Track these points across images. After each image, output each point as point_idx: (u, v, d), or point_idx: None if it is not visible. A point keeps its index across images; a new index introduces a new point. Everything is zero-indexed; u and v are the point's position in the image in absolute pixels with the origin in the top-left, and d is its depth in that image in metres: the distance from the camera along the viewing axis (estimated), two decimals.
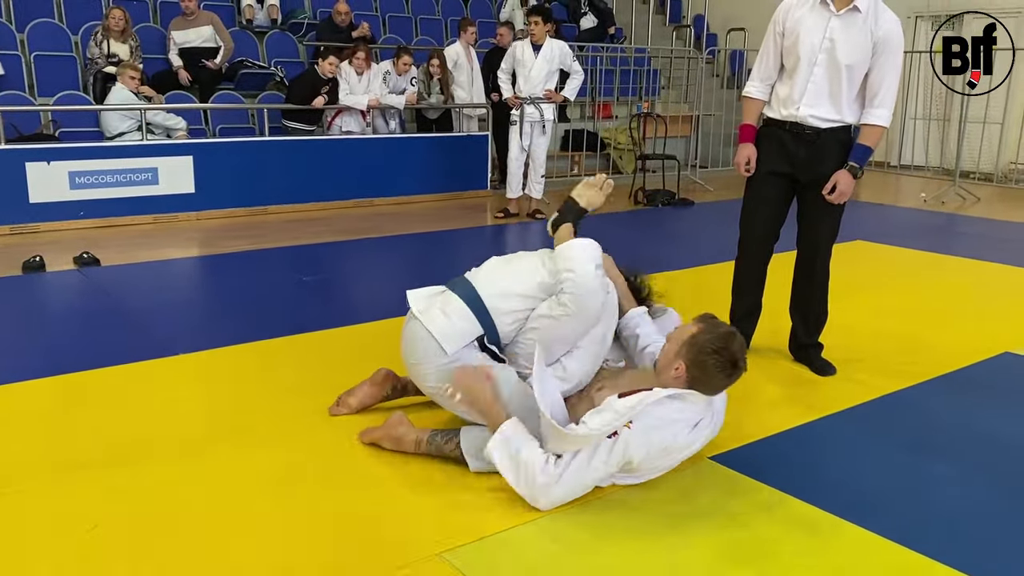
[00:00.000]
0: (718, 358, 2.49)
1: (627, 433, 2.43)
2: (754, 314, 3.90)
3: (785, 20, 3.54)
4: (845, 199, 3.48)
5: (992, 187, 9.89)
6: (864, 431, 3.16)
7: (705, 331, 2.55)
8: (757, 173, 3.67)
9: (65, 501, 2.51)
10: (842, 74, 3.41)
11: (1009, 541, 2.43)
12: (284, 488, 2.62)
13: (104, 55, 7.61)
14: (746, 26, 11.97)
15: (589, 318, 2.72)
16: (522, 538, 2.35)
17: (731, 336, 2.55)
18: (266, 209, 7.51)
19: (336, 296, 5.05)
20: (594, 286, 2.67)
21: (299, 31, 9.32)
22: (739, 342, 2.54)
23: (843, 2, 3.40)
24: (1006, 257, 6.07)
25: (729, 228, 3.94)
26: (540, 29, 7.28)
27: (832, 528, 2.45)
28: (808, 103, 3.47)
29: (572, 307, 2.67)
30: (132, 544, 2.30)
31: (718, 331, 2.55)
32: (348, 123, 8.17)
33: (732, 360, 2.51)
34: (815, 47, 3.43)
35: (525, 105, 7.41)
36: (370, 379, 3.18)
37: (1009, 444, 3.07)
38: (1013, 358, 3.96)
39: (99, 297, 4.92)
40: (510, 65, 7.50)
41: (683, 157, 9.76)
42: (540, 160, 7.63)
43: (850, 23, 3.39)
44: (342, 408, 3.14)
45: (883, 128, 3.48)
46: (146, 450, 2.85)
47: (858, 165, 3.47)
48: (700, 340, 2.52)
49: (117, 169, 6.85)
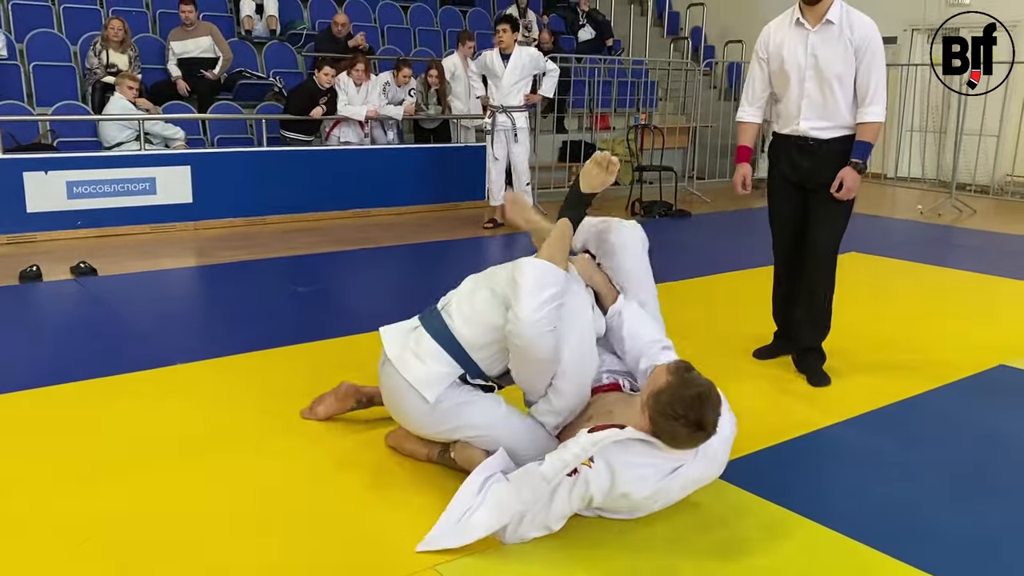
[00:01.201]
0: (682, 423, 2.25)
1: (587, 471, 2.29)
2: (794, 317, 3.96)
3: (768, 45, 3.73)
4: (852, 195, 3.60)
5: (988, 199, 9.91)
6: (855, 443, 3.16)
7: (671, 390, 2.26)
8: (772, 184, 3.90)
9: (58, 512, 2.50)
10: (833, 85, 3.55)
11: (991, 549, 2.43)
12: (278, 500, 2.62)
13: (103, 65, 7.63)
14: (743, 38, 12.02)
15: (544, 361, 2.51)
16: (519, 551, 2.34)
17: (698, 399, 2.25)
18: (264, 219, 7.52)
19: (331, 307, 5.05)
20: (532, 335, 2.43)
21: (298, 42, 9.35)
22: (711, 403, 2.27)
23: (816, 18, 3.56)
24: (1002, 270, 6.08)
25: (727, 240, 3.94)
26: (509, 37, 7.28)
27: (807, 532, 2.45)
28: (806, 117, 3.64)
29: (520, 356, 2.52)
30: (122, 559, 2.29)
31: (685, 393, 2.25)
32: (346, 134, 8.19)
33: (698, 424, 2.25)
34: (801, 65, 3.60)
35: (497, 114, 7.43)
36: (334, 392, 3.19)
37: (1002, 458, 3.07)
38: (1008, 371, 3.97)
39: (96, 307, 4.92)
40: (480, 69, 7.57)
41: (680, 169, 9.78)
42: (522, 168, 7.62)
43: (827, 36, 3.55)
44: (311, 415, 3.20)
45: (878, 123, 3.58)
46: (141, 461, 2.84)
47: (861, 160, 3.58)
48: (663, 400, 2.26)
49: (115, 179, 6.85)
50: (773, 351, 4.04)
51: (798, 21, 3.61)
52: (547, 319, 2.45)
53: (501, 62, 7.36)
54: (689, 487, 2.43)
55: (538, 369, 2.55)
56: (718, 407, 2.29)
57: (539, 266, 2.53)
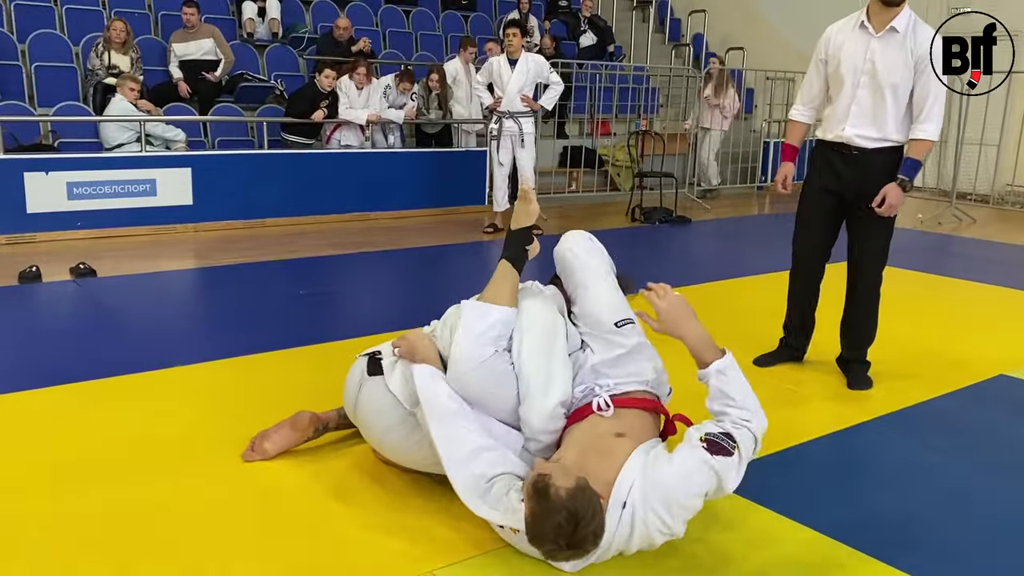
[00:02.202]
0: (557, 549, 2.09)
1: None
2: (807, 329, 3.98)
3: (827, 47, 3.66)
4: (894, 212, 3.55)
5: (988, 208, 9.92)
6: (853, 452, 3.15)
7: (534, 521, 2.08)
8: (808, 191, 3.81)
9: (55, 513, 2.49)
10: (886, 94, 3.49)
11: (985, 556, 2.43)
12: (272, 506, 2.61)
13: (105, 66, 7.63)
14: (745, 45, 12.04)
15: (477, 394, 2.48)
16: (517, 555, 2.33)
17: (558, 529, 2.03)
18: (264, 222, 7.51)
19: (332, 310, 5.04)
20: (460, 371, 2.46)
21: (299, 45, 9.36)
22: (579, 521, 2.02)
23: (881, 24, 3.48)
24: (1002, 279, 6.08)
25: (726, 246, 3.94)
26: (517, 42, 7.32)
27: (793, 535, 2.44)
28: (853, 123, 3.57)
29: (462, 389, 2.49)
30: (117, 561, 2.28)
31: (547, 524, 2.04)
32: (347, 137, 8.19)
33: (569, 547, 2.07)
34: (857, 69, 3.53)
35: (504, 119, 7.44)
36: (290, 423, 2.92)
37: (1000, 467, 3.06)
38: (1008, 380, 3.97)
39: (95, 308, 4.91)
40: (486, 77, 7.56)
41: (681, 175, 9.79)
42: (527, 174, 7.61)
43: (890, 43, 3.48)
44: (256, 455, 2.86)
45: (930, 142, 3.52)
46: (139, 464, 2.83)
47: (907, 178, 3.52)
48: (530, 532, 2.11)
49: (115, 180, 6.85)
50: (775, 358, 4.02)
51: (862, 24, 3.54)
52: (475, 356, 2.45)
53: (508, 67, 7.37)
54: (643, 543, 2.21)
55: (482, 403, 2.49)
56: (591, 518, 2.04)
57: (476, 307, 2.54)
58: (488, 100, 7.56)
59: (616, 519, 2.15)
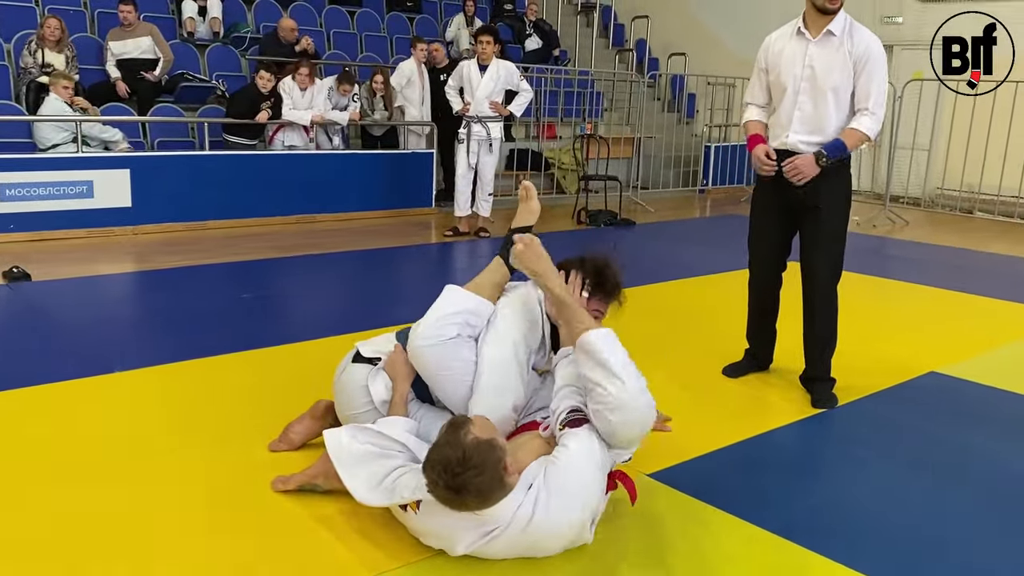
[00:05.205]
0: (441, 487, 2.14)
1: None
2: (768, 337, 3.97)
3: (767, 56, 3.69)
4: (797, 174, 3.48)
5: (920, 211, 10.26)
6: (791, 449, 3.24)
7: (435, 448, 2.17)
8: (757, 199, 3.83)
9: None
10: (827, 98, 3.51)
11: (930, 547, 2.52)
12: (217, 512, 2.58)
13: (38, 65, 7.42)
14: (686, 51, 12.25)
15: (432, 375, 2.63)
16: (467, 557, 2.34)
17: (439, 449, 2.15)
18: (205, 224, 7.38)
19: (276, 314, 4.98)
20: (417, 346, 2.61)
21: (242, 45, 9.22)
22: (476, 464, 2.10)
23: (818, 29, 3.53)
24: (933, 279, 6.29)
25: (671, 248, 4.00)
26: (491, 48, 7.34)
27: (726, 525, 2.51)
28: (796, 130, 3.57)
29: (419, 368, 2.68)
30: (72, 565, 2.23)
31: (435, 446, 2.18)
32: (291, 138, 8.09)
33: (428, 484, 2.16)
34: (797, 76, 3.56)
35: (472, 124, 7.45)
36: (309, 412, 3.03)
37: (934, 460, 3.18)
38: (939, 377, 4.11)
39: (29, 313, 4.78)
40: (457, 82, 7.54)
41: (625, 178, 9.90)
42: (488, 178, 7.65)
43: (827, 47, 3.52)
44: (283, 444, 2.98)
45: (861, 133, 3.49)
46: (73, 472, 2.77)
47: (826, 154, 3.48)
48: (428, 458, 2.17)
49: (50, 181, 6.66)
50: (743, 368, 4.01)
51: (800, 31, 3.58)
52: (435, 334, 2.59)
53: (479, 72, 7.37)
54: (551, 536, 2.28)
55: (435, 383, 2.65)
56: (480, 471, 2.09)
57: (453, 291, 2.68)
58: (458, 105, 7.55)
59: (520, 498, 2.21)
